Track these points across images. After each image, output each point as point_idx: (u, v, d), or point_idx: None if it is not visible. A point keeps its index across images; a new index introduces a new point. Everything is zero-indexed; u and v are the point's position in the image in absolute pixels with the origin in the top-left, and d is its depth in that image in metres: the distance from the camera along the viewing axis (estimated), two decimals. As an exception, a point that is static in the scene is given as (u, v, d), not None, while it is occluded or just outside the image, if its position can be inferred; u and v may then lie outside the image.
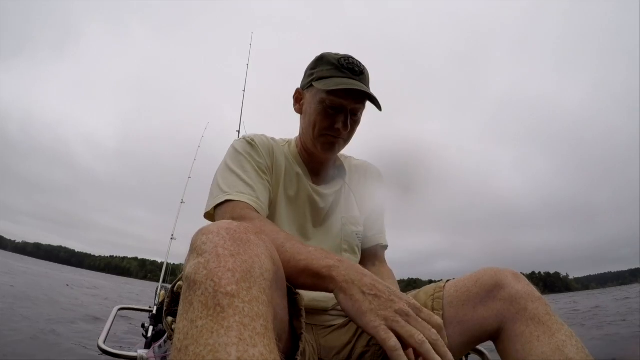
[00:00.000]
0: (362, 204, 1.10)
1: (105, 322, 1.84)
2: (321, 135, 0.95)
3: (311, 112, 0.96)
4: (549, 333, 0.62)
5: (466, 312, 0.74)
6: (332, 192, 1.04)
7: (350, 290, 0.60)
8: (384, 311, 0.56)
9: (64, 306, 7.14)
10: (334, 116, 0.93)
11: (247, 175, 0.90)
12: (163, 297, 2.68)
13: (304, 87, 1.00)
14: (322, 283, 0.63)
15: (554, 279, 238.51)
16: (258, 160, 0.94)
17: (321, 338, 0.90)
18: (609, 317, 8.55)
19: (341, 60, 0.93)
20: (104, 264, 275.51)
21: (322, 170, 1.06)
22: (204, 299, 0.42)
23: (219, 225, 0.52)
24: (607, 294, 34.98)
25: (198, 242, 0.50)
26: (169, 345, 1.96)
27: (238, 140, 1.00)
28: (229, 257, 0.46)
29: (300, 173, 1.01)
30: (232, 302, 0.42)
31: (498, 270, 0.74)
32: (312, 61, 1.00)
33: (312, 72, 0.97)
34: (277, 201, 0.97)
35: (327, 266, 0.63)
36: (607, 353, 3.57)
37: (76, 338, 4.11)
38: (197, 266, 0.46)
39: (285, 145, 1.07)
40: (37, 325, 4.43)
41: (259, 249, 0.51)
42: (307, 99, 0.99)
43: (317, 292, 0.90)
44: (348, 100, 0.91)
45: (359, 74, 0.93)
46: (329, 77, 0.92)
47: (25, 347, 3.32)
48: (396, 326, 0.54)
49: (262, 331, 0.41)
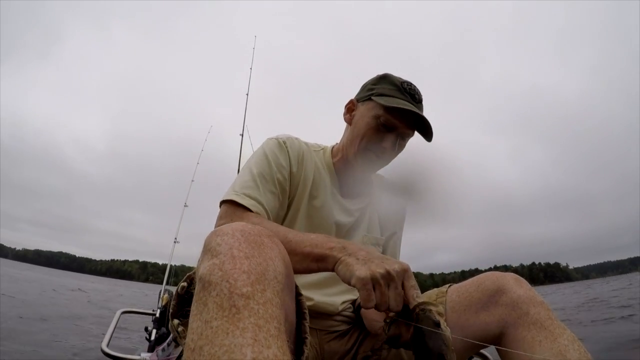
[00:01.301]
0: (385, 226, 1.09)
1: (108, 325, 1.85)
2: (366, 149, 0.95)
3: (362, 125, 0.95)
4: (551, 338, 0.63)
5: (468, 317, 0.75)
6: (358, 208, 1.03)
7: (346, 260, 0.62)
8: (374, 267, 0.59)
9: (36, 309, 7.06)
10: (385, 134, 0.93)
11: (261, 179, 0.89)
12: (166, 300, 2.69)
13: (360, 99, 1.00)
14: (325, 265, 0.66)
15: (554, 269, 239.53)
16: (282, 164, 0.93)
17: (324, 343, 0.91)
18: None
19: (404, 84, 0.93)
20: (105, 268, 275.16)
21: (352, 184, 1.04)
22: (219, 300, 0.43)
23: (233, 227, 0.53)
24: (606, 283, 35.14)
25: (212, 243, 0.51)
26: (172, 349, 1.97)
27: (270, 139, 0.98)
28: (244, 259, 0.47)
29: (329, 184, 1.00)
30: (247, 304, 0.42)
31: (500, 275, 0.75)
32: (373, 77, 1.00)
33: (372, 87, 0.97)
34: (300, 209, 0.96)
35: (329, 247, 0.66)
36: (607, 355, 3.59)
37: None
38: (212, 267, 0.46)
39: (320, 151, 1.06)
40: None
41: (272, 252, 0.52)
42: (361, 111, 0.98)
43: (325, 296, 0.93)
44: (403, 123, 0.91)
45: (418, 101, 0.93)
46: (390, 95, 0.92)
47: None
48: (377, 287, 0.58)
49: (275, 333, 0.42)
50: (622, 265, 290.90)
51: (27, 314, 5.77)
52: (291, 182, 0.95)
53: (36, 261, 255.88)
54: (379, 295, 0.58)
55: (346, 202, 1.01)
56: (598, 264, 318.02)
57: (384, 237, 1.08)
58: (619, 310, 8.14)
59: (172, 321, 0.61)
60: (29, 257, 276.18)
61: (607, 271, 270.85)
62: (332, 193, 0.99)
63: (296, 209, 0.95)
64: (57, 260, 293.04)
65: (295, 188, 0.96)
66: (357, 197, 1.05)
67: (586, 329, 5.80)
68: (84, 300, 11.91)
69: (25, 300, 8.02)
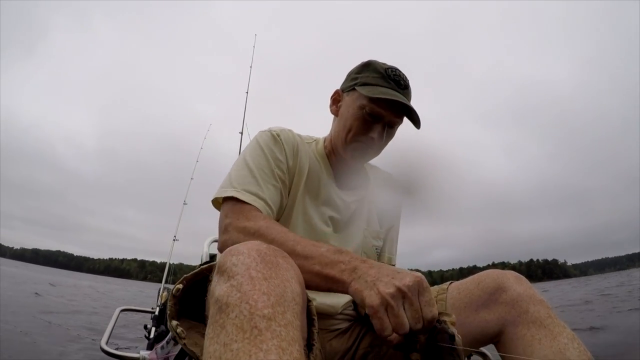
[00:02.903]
0: (383, 219, 1.07)
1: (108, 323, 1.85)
2: (354, 141, 0.92)
3: (348, 116, 0.92)
4: (551, 336, 0.63)
5: (468, 314, 0.74)
6: (354, 200, 1.01)
7: (354, 286, 0.59)
8: (383, 288, 0.54)
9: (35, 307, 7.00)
10: (371, 124, 0.90)
11: (260, 173, 0.86)
12: (165, 298, 2.68)
13: (345, 89, 0.97)
14: (335, 287, 0.63)
15: (552, 266, 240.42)
16: (278, 157, 0.90)
17: (326, 342, 0.90)
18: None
19: (388, 71, 0.90)
20: (104, 267, 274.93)
21: (347, 176, 1.02)
22: (238, 322, 0.41)
23: (249, 247, 0.52)
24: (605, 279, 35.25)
25: (228, 264, 0.49)
26: (171, 346, 1.97)
27: (263, 132, 0.95)
28: (262, 280, 0.46)
29: (324, 175, 0.98)
30: (269, 325, 0.41)
31: (500, 273, 0.74)
32: (357, 65, 0.97)
33: (356, 77, 0.94)
34: (296, 202, 0.93)
35: (340, 270, 0.62)
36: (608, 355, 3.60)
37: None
38: (230, 289, 0.45)
39: (312, 143, 1.03)
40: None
41: (288, 273, 0.51)
42: (346, 102, 0.95)
43: (327, 297, 0.90)
44: (388, 111, 0.89)
45: (404, 87, 0.91)
46: (373, 84, 0.89)
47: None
48: (390, 311, 0.53)
49: (298, 357, 0.41)
50: (620, 261, 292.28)
51: (26, 313, 5.76)
52: (288, 176, 0.93)
53: (34, 260, 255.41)
54: (393, 319, 0.53)
55: (343, 194, 0.99)
56: (596, 261, 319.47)
57: (383, 229, 1.07)
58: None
59: (171, 322, 0.60)
60: (27, 256, 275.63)
61: (605, 268, 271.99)
62: (328, 185, 0.97)
63: (292, 203, 0.93)
64: (55, 259, 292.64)
65: (290, 181, 0.93)
66: (354, 189, 1.02)
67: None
68: (84, 298, 11.92)
69: (23, 299, 8.00)
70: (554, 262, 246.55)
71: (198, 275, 0.65)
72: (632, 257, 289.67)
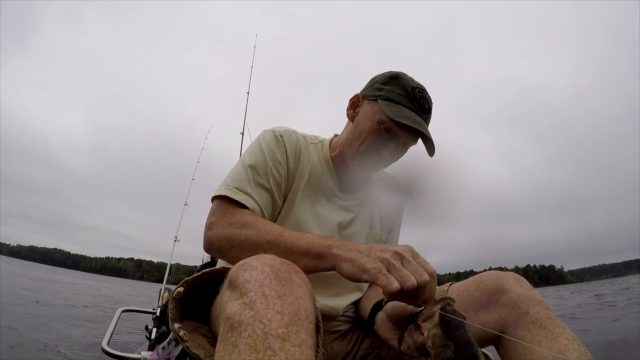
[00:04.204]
0: (384, 222, 1.07)
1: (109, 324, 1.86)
2: (364, 154, 0.91)
3: (365, 126, 0.90)
4: (551, 337, 0.63)
5: (468, 316, 0.75)
6: (357, 204, 1.00)
7: (349, 256, 0.60)
8: (380, 253, 0.57)
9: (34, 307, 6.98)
10: (386, 140, 0.88)
11: (254, 173, 0.85)
12: (166, 299, 2.69)
13: (367, 97, 0.93)
14: (324, 263, 0.64)
15: (549, 272, 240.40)
16: (277, 158, 0.89)
17: (327, 344, 0.90)
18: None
19: (415, 91, 0.87)
20: (100, 266, 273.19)
21: (350, 179, 1.00)
22: (251, 342, 0.41)
23: (262, 261, 0.51)
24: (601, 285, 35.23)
25: (240, 279, 0.48)
26: (172, 347, 1.98)
27: (266, 131, 0.94)
28: (276, 299, 0.45)
29: (327, 178, 0.97)
30: (283, 346, 0.41)
31: (500, 275, 0.74)
32: (384, 75, 0.93)
33: (381, 87, 0.90)
34: (294, 206, 0.92)
35: (327, 245, 0.64)
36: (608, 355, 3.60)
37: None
38: (243, 307, 0.44)
39: (318, 144, 1.01)
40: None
41: (301, 290, 0.50)
42: (366, 111, 0.92)
43: (329, 299, 0.91)
44: (405, 133, 0.87)
45: (427, 112, 0.89)
46: (397, 102, 0.87)
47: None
48: (392, 269, 0.55)
49: None
50: (617, 268, 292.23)
51: (25, 312, 5.74)
52: (287, 178, 0.92)
53: (30, 257, 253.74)
54: (397, 275, 0.54)
55: (344, 198, 0.99)
56: (592, 267, 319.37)
57: (385, 232, 1.07)
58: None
59: (173, 325, 0.60)
60: (24, 254, 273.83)
61: (601, 274, 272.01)
62: (329, 189, 0.96)
63: (290, 206, 0.92)
64: (52, 257, 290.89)
65: (290, 184, 0.92)
66: (356, 192, 1.01)
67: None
68: (83, 298, 11.86)
69: (22, 296, 7.97)
70: (551, 267, 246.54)
71: (199, 278, 0.66)
72: (629, 264, 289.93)
